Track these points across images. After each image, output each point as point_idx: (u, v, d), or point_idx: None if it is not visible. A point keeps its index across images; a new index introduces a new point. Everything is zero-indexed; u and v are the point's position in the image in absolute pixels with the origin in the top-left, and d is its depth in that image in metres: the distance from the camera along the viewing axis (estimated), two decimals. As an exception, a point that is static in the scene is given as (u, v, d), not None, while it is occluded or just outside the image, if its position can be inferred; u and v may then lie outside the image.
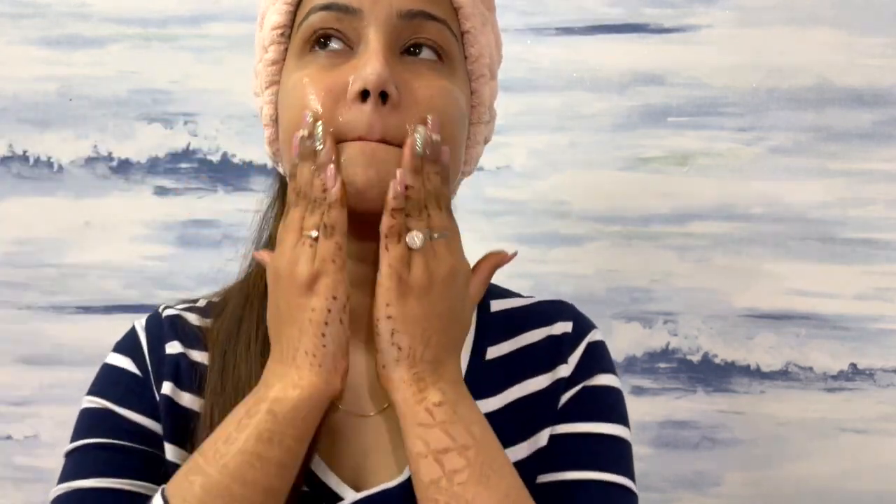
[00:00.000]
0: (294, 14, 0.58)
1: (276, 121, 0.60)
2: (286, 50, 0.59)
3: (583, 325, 0.68)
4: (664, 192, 1.07)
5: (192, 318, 0.65)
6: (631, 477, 0.62)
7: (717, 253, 1.07)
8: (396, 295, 0.51)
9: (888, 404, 1.07)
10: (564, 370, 0.64)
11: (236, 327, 0.62)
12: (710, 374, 1.08)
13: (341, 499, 0.58)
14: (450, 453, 0.50)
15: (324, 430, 0.58)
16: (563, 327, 0.66)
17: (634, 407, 1.07)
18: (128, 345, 0.64)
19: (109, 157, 1.12)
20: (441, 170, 0.52)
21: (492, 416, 0.60)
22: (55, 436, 1.13)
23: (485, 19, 0.60)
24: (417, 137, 0.51)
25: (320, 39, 0.55)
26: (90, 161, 1.12)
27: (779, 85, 1.05)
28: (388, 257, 0.51)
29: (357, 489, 0.58)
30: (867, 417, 1.07)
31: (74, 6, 1.10)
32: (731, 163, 1.06)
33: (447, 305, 0.53)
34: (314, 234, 0.50)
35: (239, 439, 0.49)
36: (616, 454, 0.62)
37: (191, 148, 1.11)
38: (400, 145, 0.52)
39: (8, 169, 1.12)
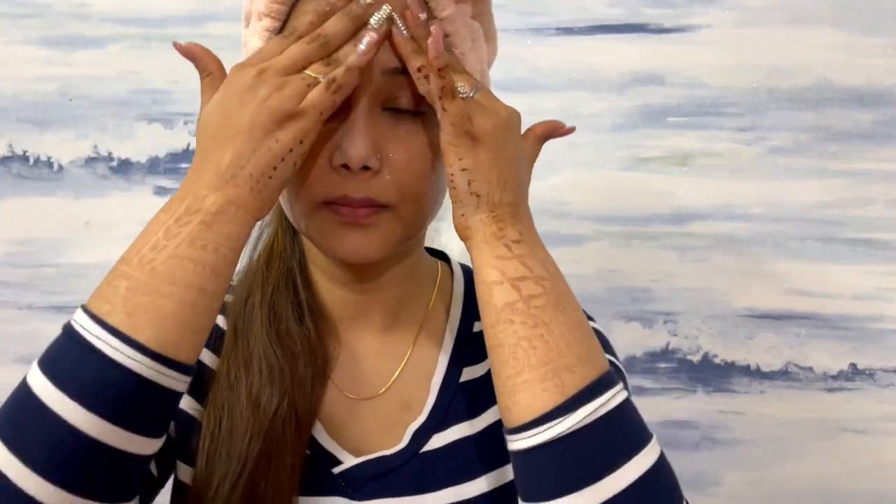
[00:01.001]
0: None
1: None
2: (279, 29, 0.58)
3: None
4: (664, 192, 1.07)
5: None
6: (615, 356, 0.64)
7: (717, 253, 1.07)
8: (466, 147, 0.51)
9: (888, 404, 1.07)
10: None
11: (244, 298, 0.63)
12: (710, 374, 1.08)
13: (341, 462, 0.59)
14: (527, 280, 0.51)
15: (324, 413, 0.60)
16: None
17: (634, 407, 1.08)
18: None
19: (109, 157, 1.12)
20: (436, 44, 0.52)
21: (479, 382, 0.63)
22: (55, 436, 1.13)
23: (474, 35, 0.60)
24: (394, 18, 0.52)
25: None
26: (90, 161, 1.12)
27: (779, 85, 1.05)
28: (449, 115, 0.51)
29: (356, 455, 0.60)
30: (867, 417, 1.07)
31: (74, 6, 1.10)
32: (731, 163, 1.06)
33: (513, 150, 0.54)
34: (321, 78, 0.50)
35: (169, 245, 0.48)
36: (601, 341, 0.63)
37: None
38: (383, 206, 0.54)
39: (8, 169, 1.12)
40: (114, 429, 0.44)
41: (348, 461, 0.59)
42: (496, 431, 0.61)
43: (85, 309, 0.48)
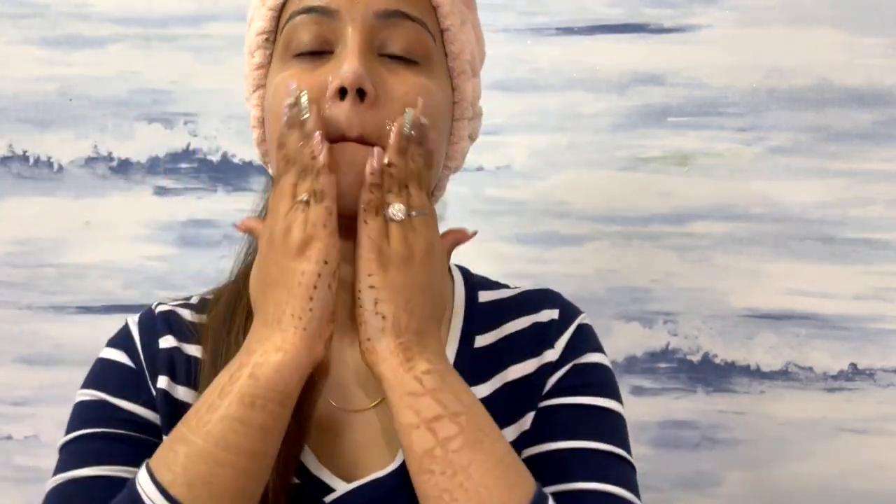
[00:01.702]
0: (278, 19, 0.59)
1: (263, 123, 0.62)
2: (271, 54, 0.60)
3: (569, 312, 0.68)
4: (664, 192, 1.07)
5: (186, 314, 0.65)
6: (627, 449, 0.62)
7: (717, 253, 1.07)
8: (378, 265, 0.52)
9: (888, 404, 1.07)
10: (551, 355, 0.64)
11: (227, 321, 0.62)
12: (710, 374, 1.08)
13: (333, 490, 0.58)
14: (442, 420, 0.50)
15: (315, 426, 0.59)
16: (550, 314, 0.67)
17: (634, 407, 1.08)
18: (121, 339, 0.65)
19: (109, 157, 1.12)
20: (426, 153, 0.54)
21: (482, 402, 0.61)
22: (55, 436, 1.11)
23: (464, 17, 0.62)
24: (406, 117, 0.53)
25: (303, 49, 0.56)
26: (90, 161, 1.12)
27: (779, 85, 1.05)
28: (367, 230, 0.52)
29: (348, 480, 0.59)
30: (867, 417, 1.07)
31: (74, 6, 1.10)
32: (731, 163, 1.06)
33: (427, 278, 0.53)
34: (305, 198, 0.51)
35: (221, 406, 0.49)
36: (609, 425, 0.62)
37: (191, 148, 1.11)
38: (377, 143, 0.53)
39: (8, 169, 1.12)
40: None
41: (340, 488, 0.58)
42: None
43: (150, 475, 0.49)
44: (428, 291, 0.53)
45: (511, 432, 0.61)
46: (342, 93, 0.53)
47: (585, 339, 0.66)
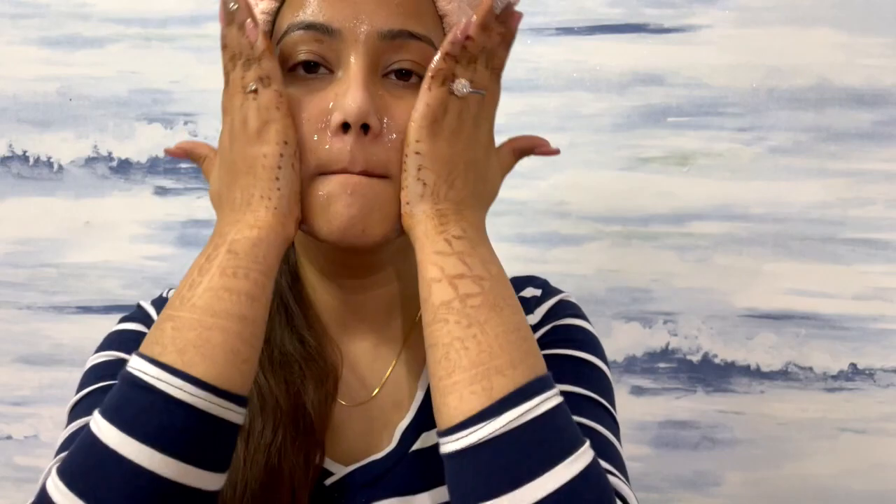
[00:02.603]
0: (273, 24, 0.57)
1: None
2: None
3: (551, 290, 0.69)
4: (664, 192, 1.07)
5: None
6: (611, 403, 0.61)
7: (717, 253, 1.07)
8: (428, 133, 0.51)
9: (888, 404, 1.07)
10: (531, 319, 0.65)
11: None
12: (710, 374, 1.08)
13: (332, 474, 0.59)
14: (465, 279, 0.50)
15: (322, 421, 0.59)
16: (532, 292, 0.68)
17: (634, 407, 1.08)
18: (137, 315, 0.65)
19: (109, 157, 1.12)
20: (507, 32, 0.52)
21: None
22: (55, 436, 1.12)
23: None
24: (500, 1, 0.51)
25: (300, 60, 0.54)
26: (90, 161, 1.12)
27: (779, 85, 1.05)
28: (428, 97, 0.51)
29: (348, 465, 0.60)
30: (867, 417, 1.07)
31: (74, 6, 1.10)
32: (731, 163, 1.06)
33: (472, 156, 0.53)
34: (253, 86, 0.51)
35: (203, 281, 0.49)
36: (592, 378, 0.61)
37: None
38: (383, 176, 0.52)
39: (8, 169, 1.12)
40: (188, 468, 0.45)
41: (339, 472, 0.59)
42: None
43: (140, 354, 0.48)
44: (472, 169, 0.53)
45: None
46: (345, 126, 0.51)
47: (566, 308, 0.67)
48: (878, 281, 1.06)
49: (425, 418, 0.61)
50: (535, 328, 0.64)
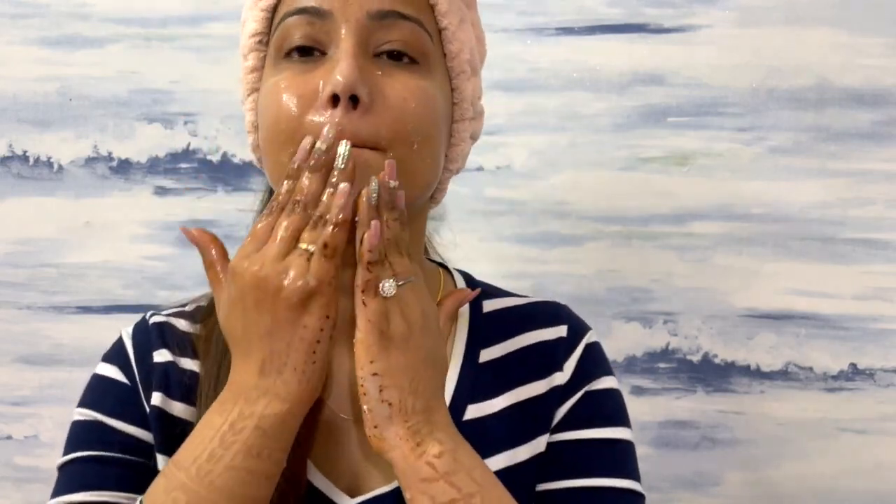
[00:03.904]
0: (271, 20, 0.58)
1: (257, 127, 0.60)
2: (265, 57, 0.59)
3: (577, 329, 0.67)
4: (664, 192, 1.07)
5: (181, 325, 0.64)
6: (637, 479, 0.63)
7: (717, 253, 1.07)
8: (379, 349, 0.50)
9: (888, 404, 1.07)
10: (560, 378, 0.64)
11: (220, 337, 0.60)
12: (710, 374, 1.08)
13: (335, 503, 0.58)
14: None
15: (316, 435, 0.58)
16: (558, 332, 0.66)
17: (634, 407, 1.07)
18: (115, 354, 0.64)
19: (109, 157, 1.12)
20: (399, 215, 0.51)
21: (487, 420, 0.61)
22: (55, 436, 1.13)
23: (462, 16, 0.60)
24: (372, 189, 0.50)
25: (294, 45, 0.54)
26: (90, 161, 1.12)
27: (779, 85, 1.05)
28: (368, 312, 0.50)
29: (351, 494, 0.58)
30: (867, 417, 1.07)
31: (74, 6, 1.10)
32: (731, 163, 1.06)
33: (427, 350, 0.52)
34: (312, 249, 0.49)
35: (225, 456, 0.48)
36: (623, 458, 0.63)
37: (191, 148, 1.11)
38: (373, 148, 0.52)
39: (8, 169, 1.12)
40: None
41: (343, 503, 0.58)
42: (504, 473, 0.59)
43: None
44: (430, 363, 0.52)
45: (525, 451, 0.61)
46: (335, 100, 0.51)
47: (595, 363, 0.66)
48: (878, 281, 1.06)
49: None
50: (565, 390, 0.63)
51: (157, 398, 0.60)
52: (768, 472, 1.09)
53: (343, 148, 0.50)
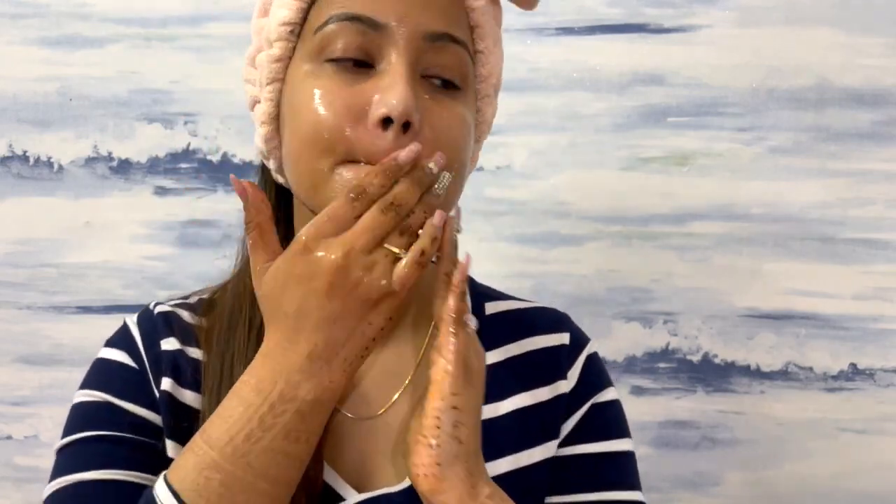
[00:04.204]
0: (306, 11, 0.55)
1: (275, 119, 0.58)
2: (294, 48, 0.56)
3: (579, 338, 0.68)
4: (664, 192, 1.07)
5: (186, 316, 0.64)
6: (640, 488, 0.64)
7: (717, 253, 1.07)
8: (464, 382, 0.49)
9: (888, 404, 1.07)
10: (565, 385, 0.64)
11: (230, 331, 0.60)
12: (710, 374, 1.08)
13: (343, 498, 0.57)
14: None
15: (326, 432, 0.57)
16: (560, 338, 0.66)
17: (634, 407, 1.08)
18: (121, 339, 0.63)
19: (109, 157, 1.12)
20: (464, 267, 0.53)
21: (492, 424, 0.61)
22: (55, 436, 1.12)
23: (496, 38, 0.59)
24: (449, 257, 0.52)
25: (344, 54, 0.53)
26: (90, 161, 1.12)
27: (779, 85, 1.05)
28: (458, 344, 0.50)
29: (359, 489, 0.58)
30: (867, 417, 1.07)
31: (74, 6, 1.10)
32: (731, 163, 1.06)
33: (484, 392, 0.52)
34: (399, 252, 0.48)
35: (264, 438, 0.48)
36: (628, 470, 0.64)
37: (191, 148, 1.11)
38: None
39: (8, 169, 1.12)
40: None
41: (350, 498, 0.57)
42: (507, 476, 0.60)
43: (172, 490, 0.48)
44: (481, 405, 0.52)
45: (530, 456, 0.62)
46: (386, 122, 0.50)
47: (598, 374, 0.67)
48: (878, 281, 1.06)
49: None
50: (570, 399, 0.64)
51: (167, 383, 0.59)
52: (768, 472, 1.09)
53: (446, 179, 0.51)
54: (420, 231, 0.49)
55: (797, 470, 1.08)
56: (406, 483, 0.57)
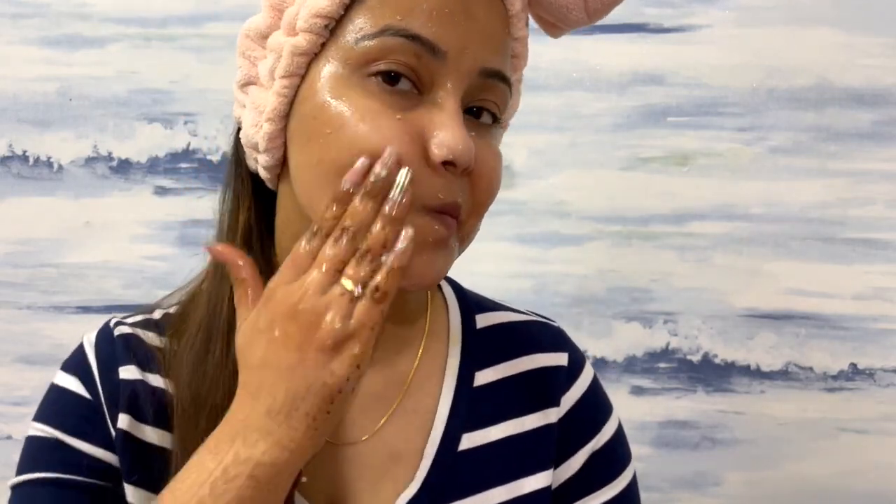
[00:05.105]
0: (347, 7, 0.49)
1: (284, 117, 0.52)
2: (324, 45, 0.50)
3: (577, 360, 0.64)
4: (664, 192, 1.07)
5: (149, 337, 0.58)
6: None
7: (717, 253, 1.07)
8: None
9: (888, 404, 1.07)
10: (554, 414, 0.61)
11: (202, 350, 0.54)
12: (710, 374, 1.08)
13: None
14: None
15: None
16: (558, 359, 0.63)
17: (634, 407, 1.08)
18: (76, 364, 0.58)
19: (109, 157, 1.12)
20: None
21: (484, 451, 0.58)
22: (55, 436, 1.12)
23: (522, 73, 0.57)
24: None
25: (394, 72, 0.48)
26: (90, 161, 1.12)
27: (779, 85, 1.05)
28: None
29: None
30: (867, 417, 1.07)
31: (74, 6, 1.10)
32: (731, 163, 1.06)
33: None
34: (358, 290, 0.43)
35: None
36: (633, 499, 0.63)
37: (191, 148, 1.11)
38: (455, 213, 0.49)
39: (8, 169, 1.12)
40: None
41: None
42: None
43: None
44: None
45: (527, 484, 0.59)
46: (448, 163, 0.47)
47: (595, 407, 0.63)
48: (878, 281, 1.06)
49: (436, 493, 0.55)
50: (562, 434, 0.60)
51: (123, 421, 0.54)
52: (768, 472, 1.09)
53: (403, 176, 0.45)
54: (383, 258, 0.44)
55: (797, 470, 1.08)
56: None
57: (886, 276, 1.06)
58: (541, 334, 0.64)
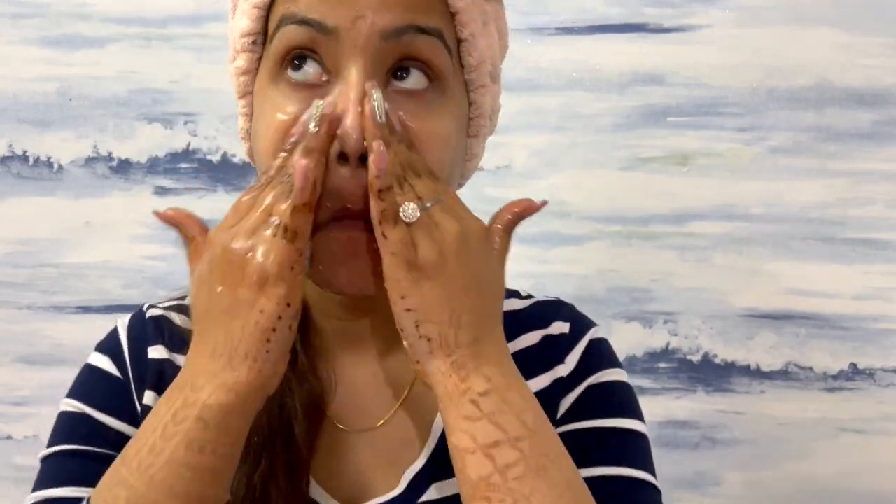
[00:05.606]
0: (266, 19, 0.50)
1: (251, 136, 0.55)
2: (260, 59, 0.52)
3: (581, 325, 0.63)
4: (664, 192, 1.07)
5: (178, 319, 0.61)
6: (652, 472, 0.59)
7: (717, 253, 1.07)
8: (409, 283, 0.44)
9: (888, 404, 1.07)
10: (562, 370, 0.60)
11: None
12: (710, 374, 1.08)
13: None
14: (501, 447, 0.44)
15: (318, 448, 0.55)
16: (561, 328, 0.62)
17: (634, 407, 1.08)
18: (109, 345, 0.61)
19: (109, 157, 1.12)
20: (402, 137, 0.46)
21: None
22: (55, 436, 1.12)
23: (486, 18, 0.53)
24: (375, 105, 0.45)
25: (294, 59, 0.48)
26: (90, 161, 1.12)
27: (779, 85, 1.05)
28: (389, 245, 0.44)
29: None
30: (867, 417, 1.07)
31: (74, 6, 1.10)
32: (731, 163, 1.06)
33: (470, 274, 0.46)
34: (277, 221, 0.44)
35: (166, 449, 0.44)
36: (633, 449, 0.59)
37: (191, 148, 1.11)
38: (361, 216, 0.47)
39: (8, 169, 1.12)
40: None
41: None
42: None
43: None
44: (475, 289, 0.46)
45: None
46: (341, 155, 0.45)
47: (598, 355, 0.62)
48: (878, 281, 1.06)
49: (439, 466, 0.55)
50: (566, 383, 0.59)
51: (149, 397, 0.57)
52: (768, 472, 1.09)
53: (315, 108, 0.45)
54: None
55: (797, 470, 1.08)
56: (398, 490, 0.55)
57: (886, 276, 1.06)
58: (545, 312, 0.64)
